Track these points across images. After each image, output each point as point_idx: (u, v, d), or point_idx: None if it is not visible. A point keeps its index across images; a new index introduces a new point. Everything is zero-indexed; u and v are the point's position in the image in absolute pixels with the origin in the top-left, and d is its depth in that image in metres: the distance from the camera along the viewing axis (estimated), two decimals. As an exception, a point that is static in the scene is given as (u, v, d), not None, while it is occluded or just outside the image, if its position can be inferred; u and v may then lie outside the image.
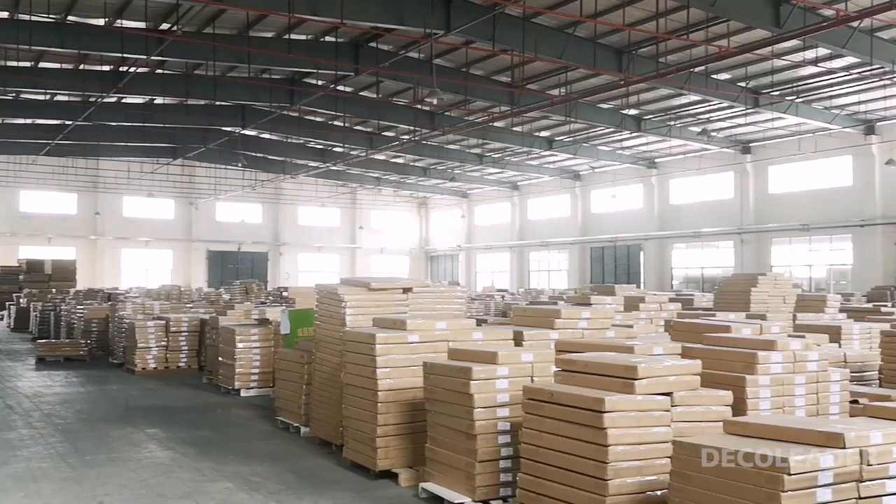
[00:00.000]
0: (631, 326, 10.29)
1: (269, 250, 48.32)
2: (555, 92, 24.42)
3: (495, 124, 28.46)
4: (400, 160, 39.96)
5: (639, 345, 6.54)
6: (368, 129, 32.95)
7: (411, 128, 29.11)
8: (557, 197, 43.53)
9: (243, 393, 12.96)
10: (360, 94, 26.80)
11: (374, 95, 26.26)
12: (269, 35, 20.97)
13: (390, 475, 7.31)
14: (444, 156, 36.45)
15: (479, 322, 11.32)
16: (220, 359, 13.75)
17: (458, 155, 36.69)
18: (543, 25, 19.36)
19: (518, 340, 7.66)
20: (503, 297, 26.78)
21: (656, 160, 36.94)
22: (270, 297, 24.94)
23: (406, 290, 9.12)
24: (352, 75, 22.68)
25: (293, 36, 20.69)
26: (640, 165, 37.18)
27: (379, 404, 7.22)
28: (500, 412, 6.25)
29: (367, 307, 8.62)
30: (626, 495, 4.97)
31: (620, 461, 5.00)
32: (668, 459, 4.81)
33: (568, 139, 32.42)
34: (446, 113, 28.54)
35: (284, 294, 22.26)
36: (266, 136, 35.21)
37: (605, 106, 27.30)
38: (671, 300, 14.62)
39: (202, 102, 27.63)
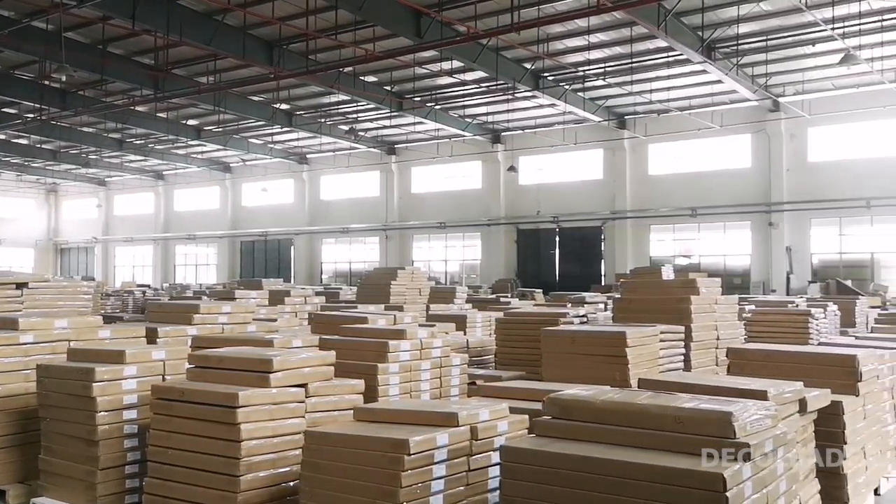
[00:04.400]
0: (275, 320, 10.29)
1: None
2: (203, 80, 23.58)
3: (137, 108, 26.71)
4: (24, 141, 35.56)
5: (278, 338, 6.54)
6: (-16, 104, 28.90)
7: (37, 106, 26.06)
8: (206, 188, 42.20)
9: None
10: (-27, 62, 23.42)
11: (-9, 66, 23.14)
12: None
13: (-4, 494, 6.45)
14: (77, 139, 33.11)
15: (113, 319, 10.54)
16: None
17: (95, 139, 33.69)
18: (190, 9, 18.58)
19: (151, 338, 7.21)
20: (144, 292, 25.20)
21: (308, 156, 37.50)
22: None
23: (20, 286, 8.13)
24: (-39, 40, 19.70)
25: None
26: (292, 160, 37.47)
27: (-19, 415, 6.32)
28: (128, 414, 5.82)
29: (-30, 305, 7.53)
30: (258, 489, 4.90)
31: (253, 455, 4.92)
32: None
33: (218, 129, 31.54)
34: (80, 92, 26.07)
35: None
36: None
37: (256, 98, 27.03)
38: (317, 294, 14.93)
39: None
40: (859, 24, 17.80)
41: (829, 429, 5.69)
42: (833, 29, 17.64)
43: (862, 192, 24.56)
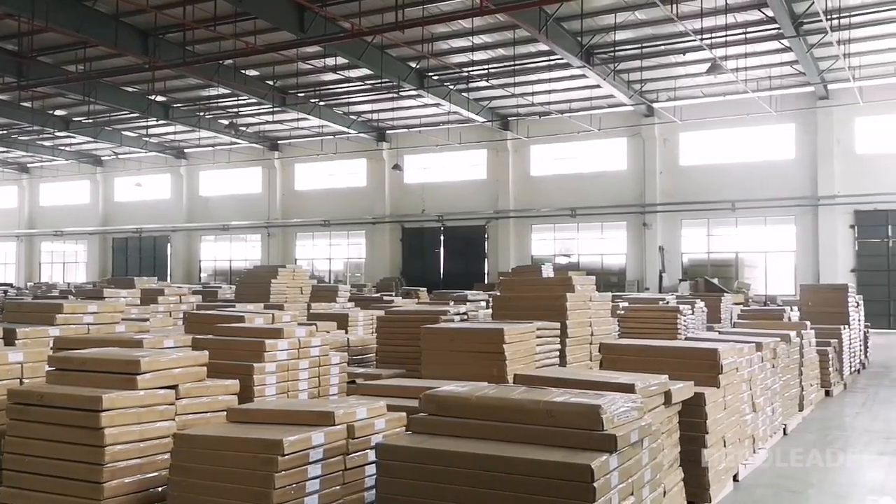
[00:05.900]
0: (147, 320, 9.89)
1: None
2: (72, 68, 22.40)
3: (-1, 97, 25.10)
4: None
5: (149, 338, 6.31)
6: None
7: None
8: (75, 182, 40.21)
9: None
10: None
11: None
12: None
13: None
14: (-69, 127, 30.97)
15: (-33, 320, 9.83)
16: None
17: (-49, 128, 31.55)
18: (58, -8, 17.60)
19: (9, 339, 6.79)
20: (5, 292, 23.73)
21: (186, 150, 36.28)
22: None
23: None
24: None
25: None
26: (169, 155, 36.18)
27: None
28: (-19, 421, 5.46)
29: None
30: (124, 496, 4.69)
31: (119, 461, 4.70)
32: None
33: (88, 121, 30.04)
34: (-66, 77, 24.28)
35: None
36: None
37: (129, 89, 25.90)
38: (194, 293, 14.46)
39: None
40: (725, 36, 18.79)
41: (692, 419, 5.97)
42: (702, 40, 18.54)
43: (728, 195, 25.96)
